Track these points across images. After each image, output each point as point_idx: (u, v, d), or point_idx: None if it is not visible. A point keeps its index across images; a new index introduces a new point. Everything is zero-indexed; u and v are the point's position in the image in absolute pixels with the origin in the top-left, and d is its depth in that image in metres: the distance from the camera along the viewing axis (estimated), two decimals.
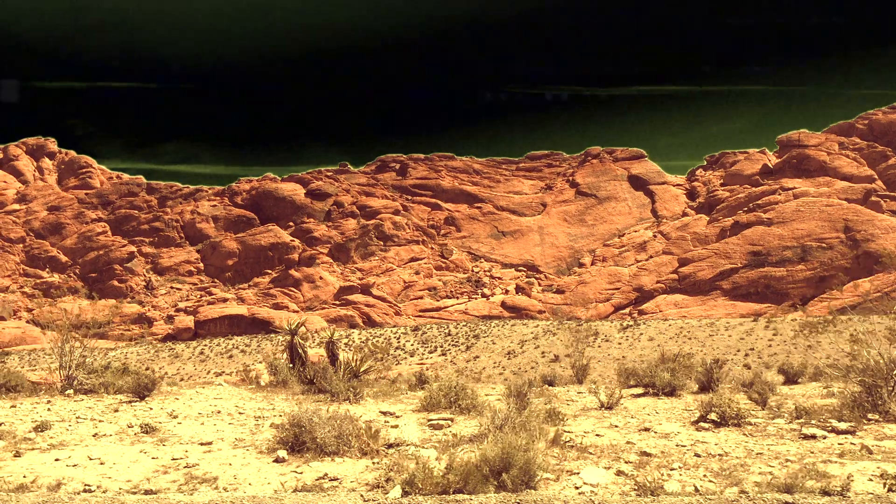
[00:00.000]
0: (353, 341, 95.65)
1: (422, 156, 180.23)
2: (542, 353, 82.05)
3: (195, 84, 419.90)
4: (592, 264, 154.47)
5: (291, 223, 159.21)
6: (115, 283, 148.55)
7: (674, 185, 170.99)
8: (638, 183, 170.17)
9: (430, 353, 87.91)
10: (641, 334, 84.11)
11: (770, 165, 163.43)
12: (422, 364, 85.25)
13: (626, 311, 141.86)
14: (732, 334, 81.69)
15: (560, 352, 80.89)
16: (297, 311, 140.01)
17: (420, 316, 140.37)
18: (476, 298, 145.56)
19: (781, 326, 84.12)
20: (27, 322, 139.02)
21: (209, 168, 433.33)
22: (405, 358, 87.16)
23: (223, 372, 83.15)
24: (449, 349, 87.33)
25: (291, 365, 24.14)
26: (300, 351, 24.97)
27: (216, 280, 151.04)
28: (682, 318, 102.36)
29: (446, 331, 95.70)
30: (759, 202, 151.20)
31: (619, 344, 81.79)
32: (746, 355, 73.16)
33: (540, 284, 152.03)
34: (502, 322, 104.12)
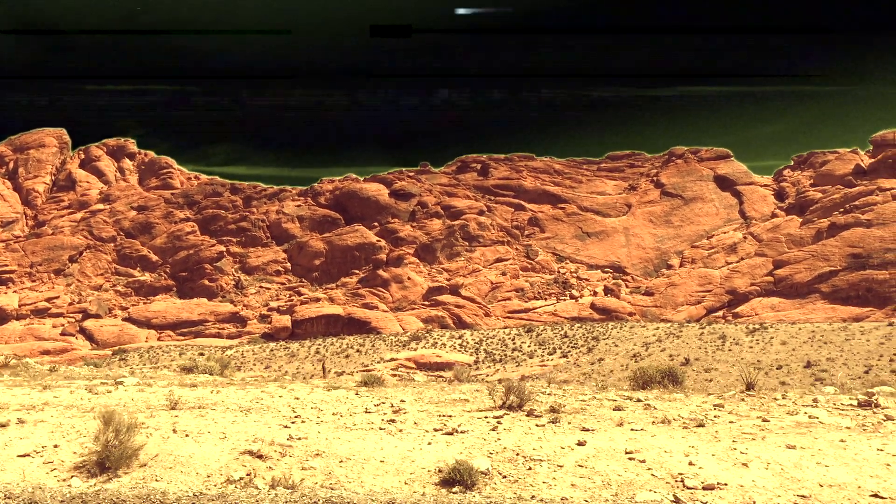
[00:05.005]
0: (468, 342, 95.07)
1: (502, 156, 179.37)
2: (670, 355, 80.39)
3: (242, 85, 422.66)
4: (681, 266, 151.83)
5: (376, 223, 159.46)
6: (206, 282, 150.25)
7: (761, 186, 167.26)
8: (724, 183, 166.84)
9: (550, 354, 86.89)
10: (772, 338, 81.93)
11: (864, 165, 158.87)
12: (543, 366, 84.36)
13: (719, 313, 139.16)
14: (870, 338, 79.03)
15: (690, 354, 79.26)
16: (386, 312, 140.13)
17: (509, 317, 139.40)
18: (564, 300, 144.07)
19: None
20: (122, 320, 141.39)
21: (260, 170, 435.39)
22: (524, 360, 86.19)
23: (343, 371, 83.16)
24: (569, 351, 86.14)
25: None
26: None
27: (303, 280, 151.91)
28: (811, 322, 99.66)
29: (562, 332, 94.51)
30: (857, 203, 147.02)
31: (751, 348, 79.77)
32: (892, 360, 70.71)
33: (627, 286, 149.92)
34: (621, 323, 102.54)
